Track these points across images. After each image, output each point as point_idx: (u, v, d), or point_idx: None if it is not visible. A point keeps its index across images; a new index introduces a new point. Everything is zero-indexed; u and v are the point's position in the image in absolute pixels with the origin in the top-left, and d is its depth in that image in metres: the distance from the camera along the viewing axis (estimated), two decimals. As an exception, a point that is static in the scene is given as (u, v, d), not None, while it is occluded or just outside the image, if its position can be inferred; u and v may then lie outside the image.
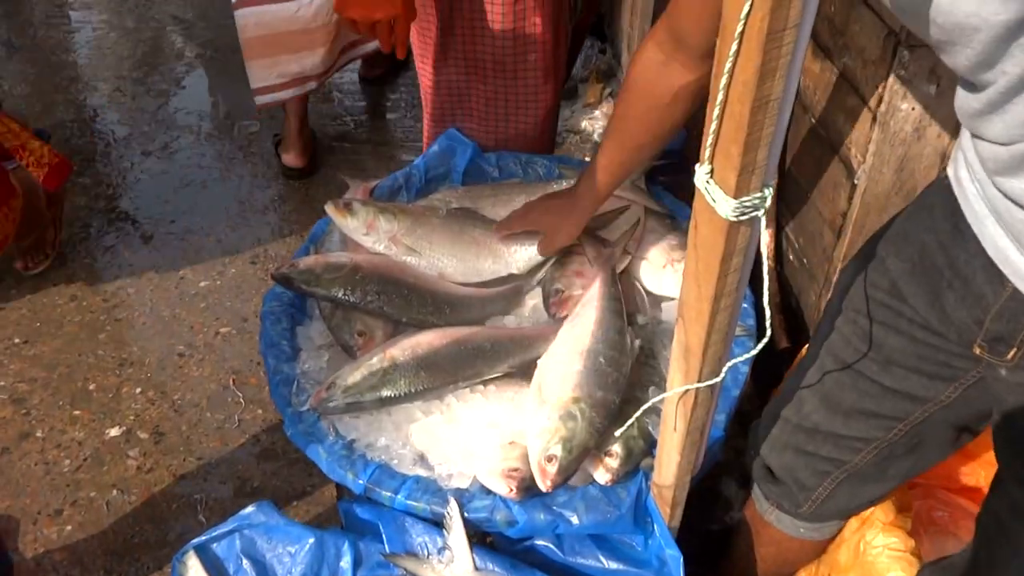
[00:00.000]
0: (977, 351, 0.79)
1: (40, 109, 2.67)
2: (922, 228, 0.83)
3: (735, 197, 0.64)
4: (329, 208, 1.35)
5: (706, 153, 0.65)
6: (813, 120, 1.40)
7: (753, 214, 0.66)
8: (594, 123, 2.59)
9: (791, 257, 1.46)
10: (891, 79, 1.14)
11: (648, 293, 1.29)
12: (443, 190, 1.51)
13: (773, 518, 1.06)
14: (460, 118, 1.61)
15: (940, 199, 0.81)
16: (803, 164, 1.43)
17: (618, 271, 1.27)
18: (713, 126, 0.63)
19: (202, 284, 2.05)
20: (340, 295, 1.24)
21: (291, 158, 2.41)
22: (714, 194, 0.65)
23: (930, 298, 0.82)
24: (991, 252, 0.73)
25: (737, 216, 0.65)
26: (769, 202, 0.66)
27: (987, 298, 0.75)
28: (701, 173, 0.66)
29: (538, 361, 1.14)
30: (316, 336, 1.31)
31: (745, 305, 1.27)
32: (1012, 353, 0.76)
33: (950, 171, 0.80)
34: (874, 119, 1.20)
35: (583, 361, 1.08)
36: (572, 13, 1.56)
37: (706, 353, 0.76)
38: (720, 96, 0.60)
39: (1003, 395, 0.81)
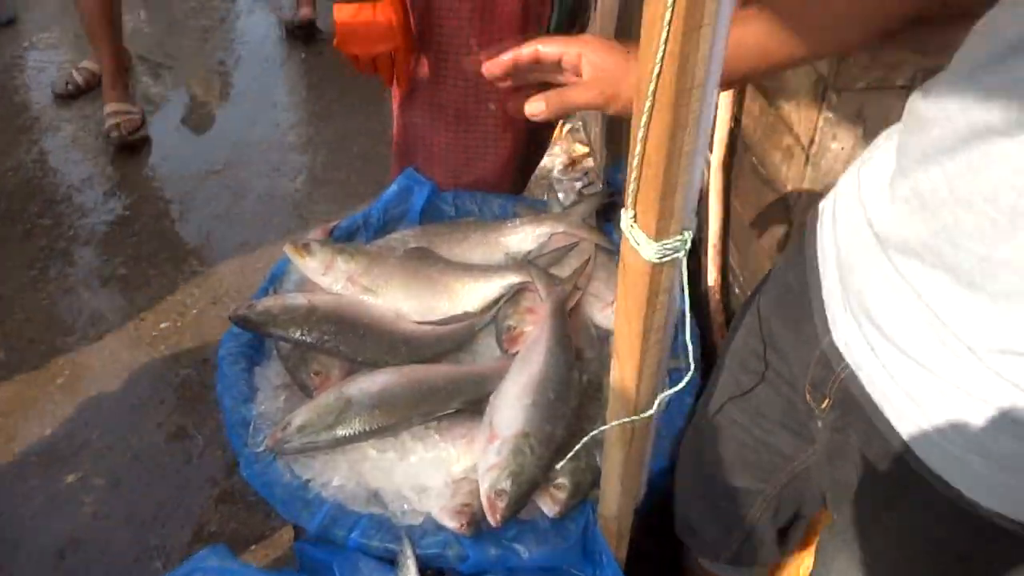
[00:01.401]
0: (808, 397, 0.79)
1: (2, 148, 2.67)
2: (789, 268, 0.84)
3: (656, 240, 0.68)
4: (288, 249, 1.37)
5: (629, 200, 0.69)
6: (754, 159, 1.46)
7: (674, 256, 0.69)
8: (553, 159, 2.65)
9: (736, 291, 1.51)
10: (821, 120, 1.21)
11: (597, 328, 1.33)
12: (401, 229, 1.55)
13: (705, 562, 1.09)
14: (423, 161, 1.65)
15: (808, 239, 0.82)
16: (746, 200, 1.49)
17: (569, 307, 1.31)
18: (634, 175, 0.67)
19: (162, 326, 2.05)
20: (297, 335, 1.26)
21: (306, 11, 3.24)
22: (637, 238, 0.69)
23: (789, 339, 0.82)
24: (824, 294, 0.75)
25: (659, 258, 0.69)
26: (688, 245, 0.70)
27: (817, 338, 0.75)
28: (625, 218, 0.70)
29: (490, 397, 1.17)
30: (274, 376, 1.32)
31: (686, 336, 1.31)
32: (825, 403, 0.76)
33: (822, 206, 0.81)
34: (807, 158, 1.26)
35: (532, 396, 1.11)
36: None
37: (639, 387, 0.80)
38: (638, 148, 0.65)
39: (820, 459, 0.81)
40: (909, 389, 0.65)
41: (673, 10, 0.55)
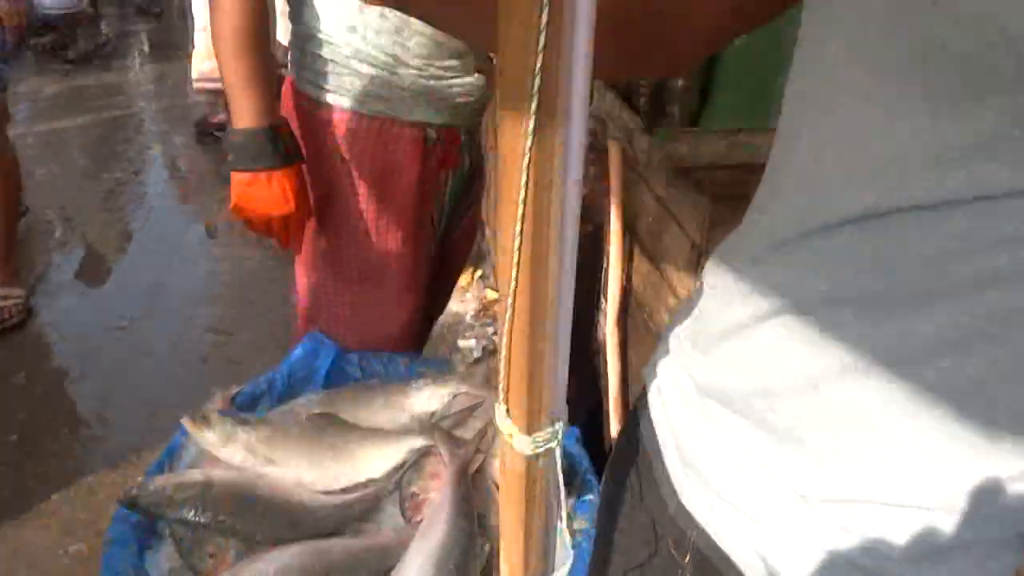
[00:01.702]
0: (673, 552, 0.80)
1: None
2: (638, 438, 0.85)
3: (529, 434, 0.72)
4: (186, 422, 1.35)
5: (500, 395, 0.73)
6: (645, 315, 1.55)
7: (547, 446, 0.73)
8: (466, 306, 2.72)
9: (638, 441, 1.56)
10: (698, 284, 1.30)
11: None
12: (306, 394, 1.54)
13: None
14: (327, 323, 1.67)
15: (641, 410, 0.84)
16: (639, 353, 1.57)
17: (472, 469, 1.32)
18: (503, 372, 0.71)
19: (54, 497, 1.94)
20: (191, 516, 1.22)
21: (223, 116, 3.65)
22: (511, 431, 0.73)
23: (656, 502, 0.83)
24: (665, 461, 0.77)
25: (533, 450, 0.72)
26: (561, 435, 0.74)
27: (667, 503, 0.78)
28: (499, 412, 0.74)
29: (392, 572, 1.15)
30: (165, 559, 1.26)
31: (591, 497, 1.34)
32: (687, 558, 0.78)
33: (647, 374, 0.84)
34: (689, 318, 1.35)
35: (432, 570, 1.09)
36: (436, 228, 1.68)
37: (527, 571, 0.81)
38: (503, 352, 0.70)
39: None
40: (752, 544, 0.68)
41: (521, 241, 0.61)
